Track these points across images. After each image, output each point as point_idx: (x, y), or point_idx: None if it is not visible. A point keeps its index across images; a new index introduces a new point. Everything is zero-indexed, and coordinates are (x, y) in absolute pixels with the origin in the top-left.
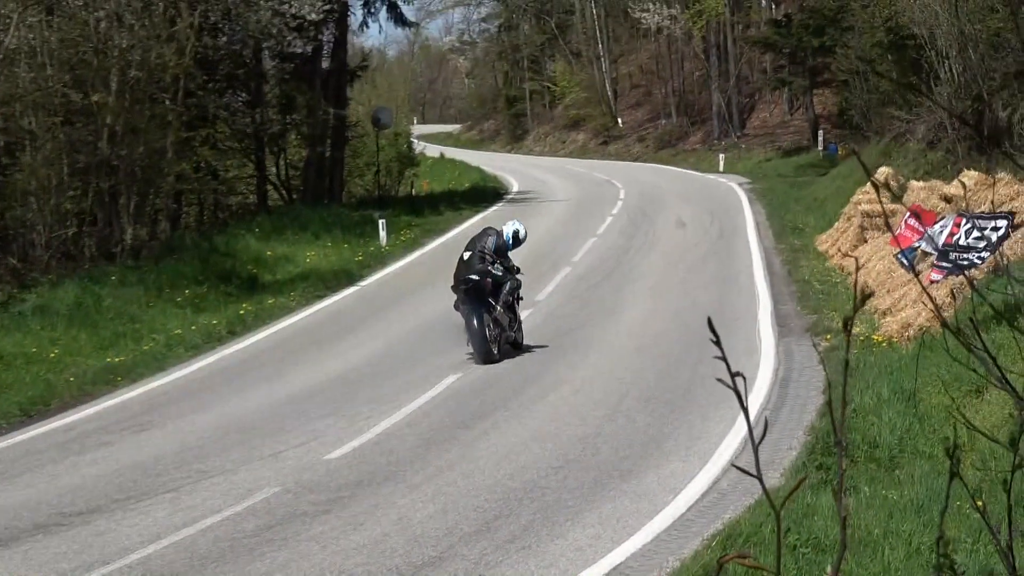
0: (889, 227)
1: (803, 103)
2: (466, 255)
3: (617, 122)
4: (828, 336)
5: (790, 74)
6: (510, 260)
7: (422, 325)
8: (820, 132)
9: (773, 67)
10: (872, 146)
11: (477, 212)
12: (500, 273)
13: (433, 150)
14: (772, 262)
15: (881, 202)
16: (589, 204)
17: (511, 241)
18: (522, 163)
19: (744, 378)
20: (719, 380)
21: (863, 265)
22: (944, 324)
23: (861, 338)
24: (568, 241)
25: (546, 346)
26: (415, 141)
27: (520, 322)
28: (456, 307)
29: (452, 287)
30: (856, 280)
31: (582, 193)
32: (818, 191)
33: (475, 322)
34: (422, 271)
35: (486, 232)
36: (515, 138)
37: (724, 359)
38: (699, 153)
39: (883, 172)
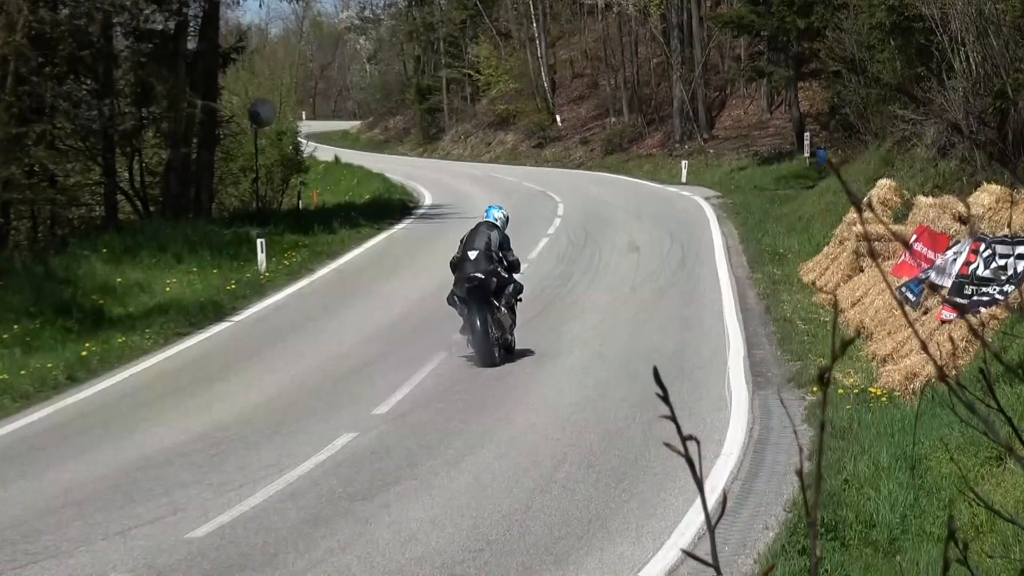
0: (873, 255)
1: (786, 99)
2: (471, 254)
3: (555, 120)
4: (815, 388)
5: (770, 62)
6: (513, 253)
7: (311, 371)
8: (806, 135)
9: (749, 54)
10: (870, 152)
11: (380, 231)
12: (506, 275)
13: (326, 152)
14: (746, 296)
15: (884, 224)
16: (519, 222)
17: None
18: (437, 169)
19: (698, 442)
20: (667, 445)
21: (859, 299)
22: (943, 377)
23: (856, 391)
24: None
25: (460, 400)
26: (303, 141)
27: (515, 326)
28: (451, 302)
29: (455, 283)
30: (835, 322)
31: (511, 207)
32: (804, 208)
33: (478, 323)
34: (311, 303)
35: (484, 228)
36: (428, 138)
37: (673, 418)
38: (657, 159)
39: (884, 185)
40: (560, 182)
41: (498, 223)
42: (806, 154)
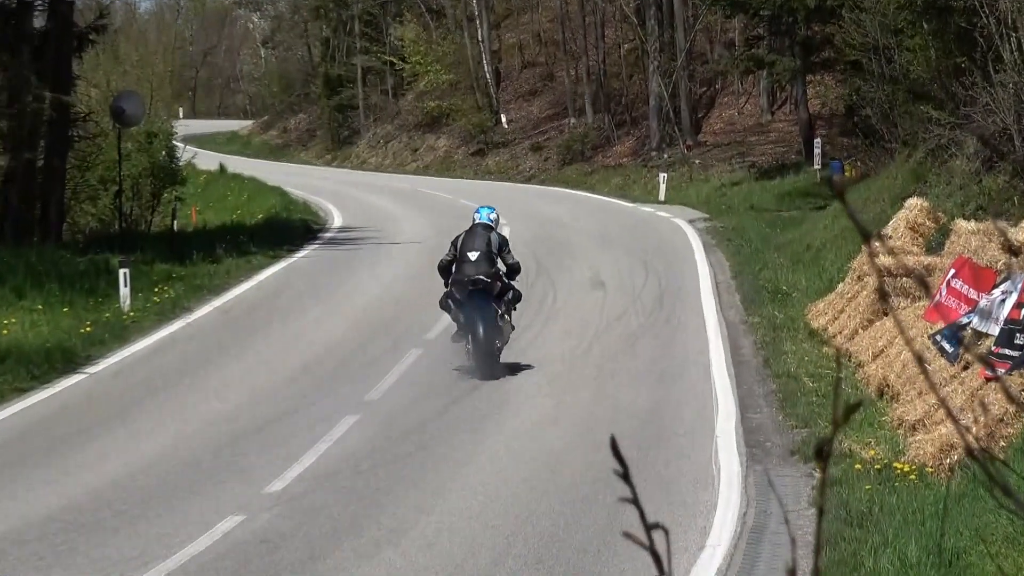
0: (884, 296)
1: (791, 96)
2: (471, 255)
3: (500, 121)
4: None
5: (771, 50)
6: (512, 256)
7: (187, 438)
8: (817, 141)
9: (745, 39)
10: (897, 165)
11: (277, 260)
12: (507, 280)
13: (209, 159)
14: (740, 345)
15: (895, 256)
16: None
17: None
18: (350, 183)
19: (666, 532)
20: (628, 535)
21: (883, 350)
22: (971, 454)
23: (877, 466)
24: (421, 306)
25: (375, 475)
26: (180, 146)
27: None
28: (445, 306)
29: (452, 284)
30: (838, 380)
31: (444, 232)
32: (813, 234)
33: (481, 329)
34: (188, 352)
35: (480, 229)
36: (339, 143)
37: (634, 501)
38: (628, 171)
39: (913, 206)
40: (506, 199)
41: (493, 224)
42: (816, 166)
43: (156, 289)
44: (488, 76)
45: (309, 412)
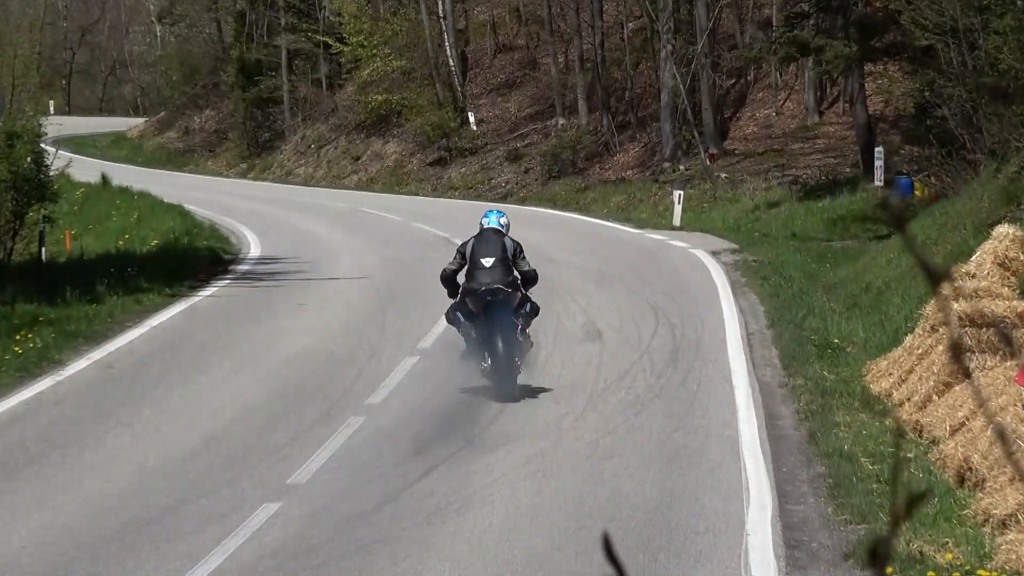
0: (958, 352)
1: (844, 91)
2: (486, 262)
3: (467, 121)
4: (889, 570)
5: (819, 32)
6: (528, 263)
7: (55, 534)
8: (878, 150)
9: (785, 16)
10: (983, 181)
11: (176, 299)
12: (525, 292)
13: (88, 168)
14: (777, 415)
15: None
16: (408, 287)
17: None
18: (272, 199)
19: None
20: None
21: (963, 423)
22: None
23: (957, 574)
24: (364, 361)
25: None
26: (50, 150)
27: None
28: (453, 320)
29: (465, 295)
30: (898, 463)
31: (394, 264)
32: (874, 270)
33: (501, 344)
34: (59, 418)
35: (491, 234)
36: (258, 148)
37: None
38: (633, 187)
39: (1004, 235)
40: (473, 223)
41: (504, 229)
42: (877, 182)
43: (17, 336)
44: (452, 63)
45: (216, 499)
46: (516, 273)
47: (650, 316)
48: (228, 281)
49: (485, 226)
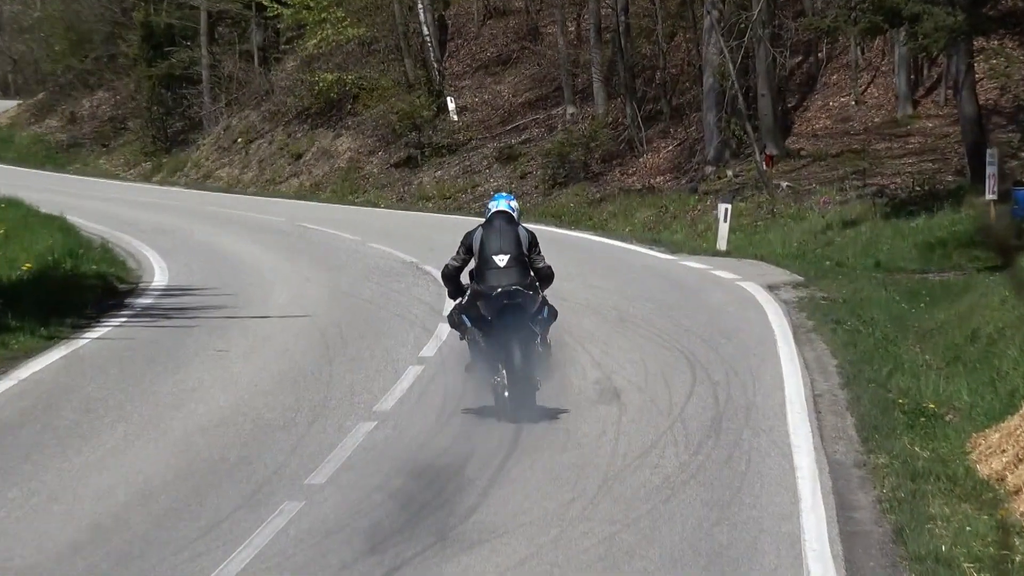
0: None
1: (947, 75)
2: (499, 259)
3: (445, 110)
4: None
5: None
6: (543, 259)
7: None
8: (991, 152)
9: None
10: None
11: (55, 342)
12: (542, 295)
13: None
14: (853, 504)
15: None
16: (363, 329)
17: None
18: (185, 210)
19: None
20: None
21: None
22: None
23: None
24: (301, 427)
25: None
26: None
27: None
28: (456, 324)
29: (477, 298)
30: (1006, 568)
31: (345, 298)
32: (984, 313)
33: (518, 355)
34: None
35: (502, 222)
36: (168, 143)
37: None
38: (665, 199)
39: None
40: (451, 245)
41: (515, 215)
42: (989, 195)
43: None
44: (426, 31)
45: None
46: (532, 271)
47: (685, 371)
48: (124, 319)
49: (494, 209)
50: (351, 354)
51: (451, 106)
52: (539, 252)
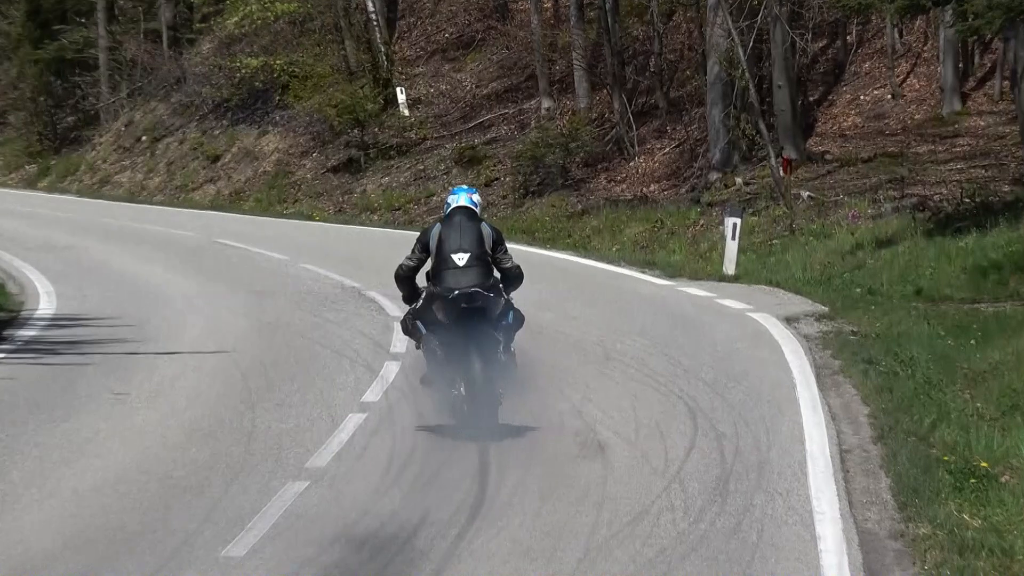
0: None
1: (1002, 65)
2: (459, 258)
3: (395, 102)
4: None
5: None
6: (511, 258)
7: None
8: None
9: None
10: None
11: None
12: (508, 298)
13: None
14: None
15: None
16: (293, 369)
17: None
18: (76, 224)
19: None
20: None
21: None
22: None
23: None
24: (217, 488)
25: None
26: None
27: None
28: (410, 330)
29: (432, 302)
30: None
31: (272, 331)
32: None
33: (477, 365)
34: None
35: (463, 217)
36: (56, 142)
37: None
38: (661, 213)
39: None
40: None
41: (477, 209)
42: None
43: None
44: (372, 9)
45: None
46: (496, 272)
47: (684, 420)
48: (2, 355)
49: (454, 204)
50: (278, 399)
51: (401, 98)
52: (506, 251)
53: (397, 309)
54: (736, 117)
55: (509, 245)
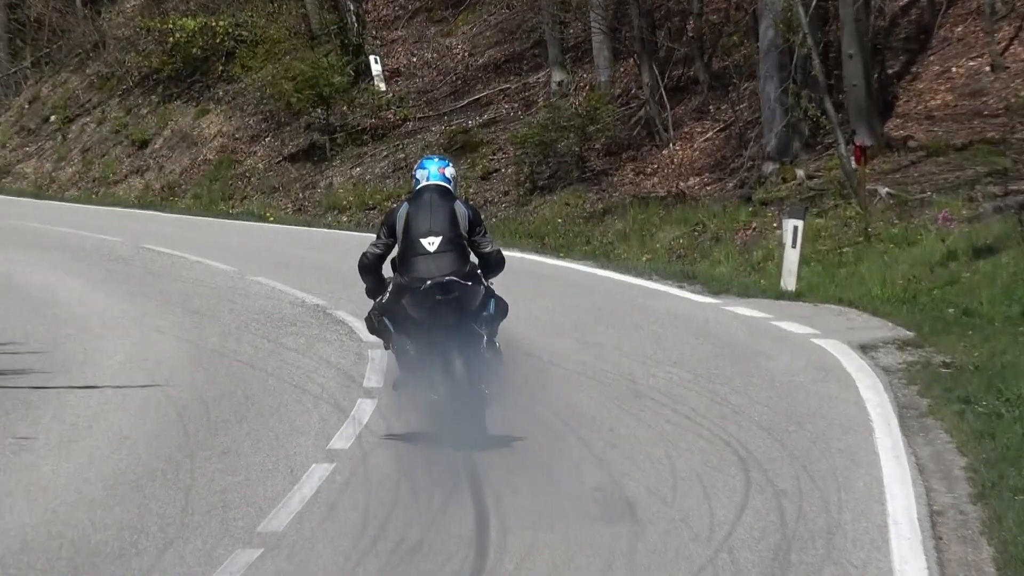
0: None
1: None
2: (429, 243)
3: (368, 75)
4: None
5: None
6: (490, 240)
7: None
8: None
9: None
10: None
11: None
12: (488, 285)
13: None
14: None
15: None
16: (242, 407)
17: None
18: None
19: None
20: None
21: None
22: None
23: None
24: (148, 557)
25: None
26: None
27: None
28: (377, 330)
29: (400, 295)
30: None
31: (214, 359)
32: None
33: (458, 364)
34: None
35: (434, 194)
36: None
37: None
38: (703, 212)
39: None
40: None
41: (452, 185)
42: None
43: None
44: None
45: None
46: (473, 257)
47: (734, 473)
48: None
49: (423, 182)
50: (223, 445)
51: (376, 69)
52: (485, 232)
53: (382, 339)
54: (796, 94)
55: (515, 254)
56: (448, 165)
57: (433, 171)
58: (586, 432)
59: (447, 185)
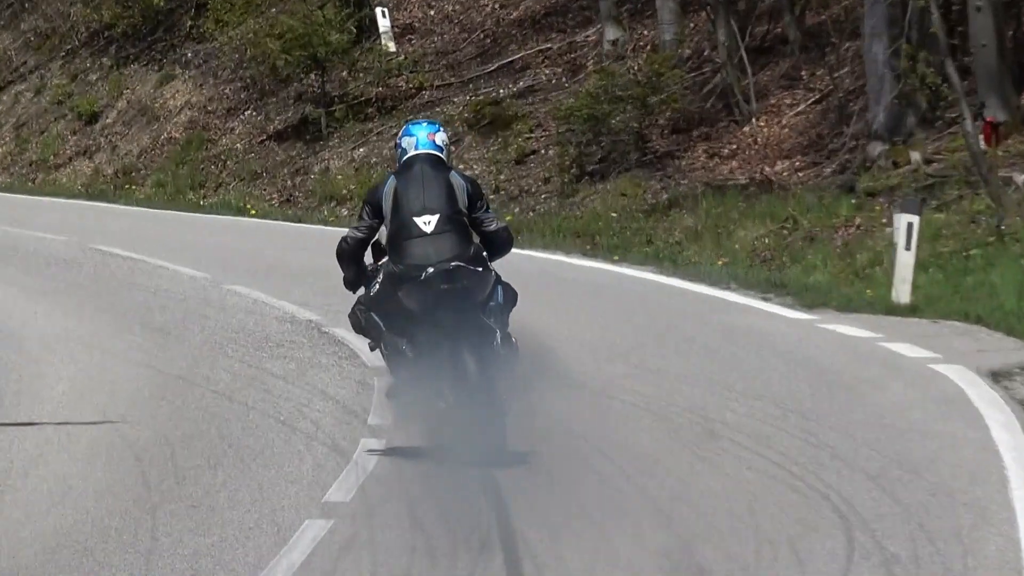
0: None
1: None
2: (425, 222)
3: (373, 32)
4: None
5: None
6: (494, 217)
7: None
8: None
9: None
10: None
11: None
12: (493, 271)
13: None
14: None
15: None
16: (216, 449)
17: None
18: None
19: None
20: None
21: None
22: None
23: None
24: None
25: None
26: None
27: None
28: (364, 327)
29: (393, 284)
30: None
31: (180, 389)
32: None
33: (471, 362)
34: None
35: (426, 165)
36: None
37: None
38: (793, 204)
39: None
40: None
41: (445, 154)
42: None
43: None
44: None
45: None
46: (476, 236)
47: (833, 533)
48: None
49: (413, 151)
50: (193, 498)
51: (383, 24)
52: (487, 207)
53: (376, 355)
54: (911, 56)
55: (554, 257)
56: (439, 130)
57: (422, 138)
58: (647, 481)
59: (439, 154)
